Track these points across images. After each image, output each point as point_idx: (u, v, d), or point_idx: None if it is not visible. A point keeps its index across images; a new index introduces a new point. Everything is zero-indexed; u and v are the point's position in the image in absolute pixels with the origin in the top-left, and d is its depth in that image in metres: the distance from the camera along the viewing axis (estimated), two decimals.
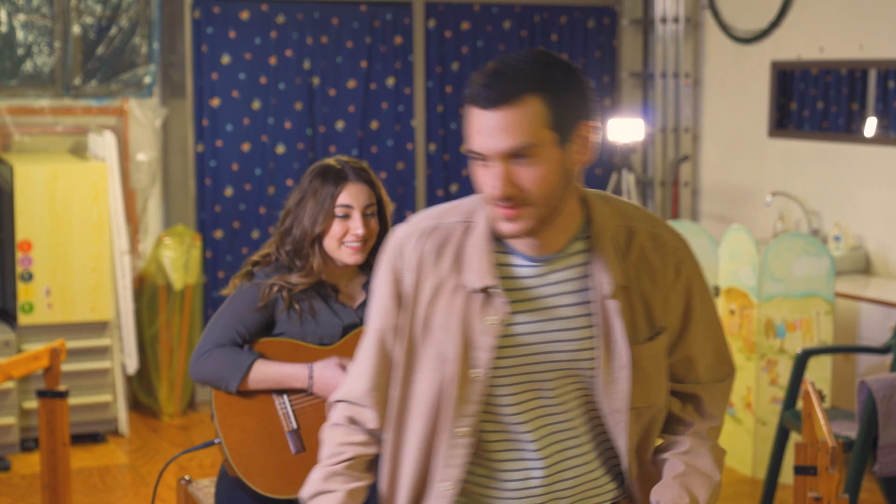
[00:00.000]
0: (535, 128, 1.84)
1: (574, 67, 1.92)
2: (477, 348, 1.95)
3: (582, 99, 1.90)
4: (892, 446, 3.89)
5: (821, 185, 6.01)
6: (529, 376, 1.98)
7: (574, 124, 1.88)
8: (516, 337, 1.97)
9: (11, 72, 5.87)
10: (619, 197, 2.08)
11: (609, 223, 1.99)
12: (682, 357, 2.08)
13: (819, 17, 6.02)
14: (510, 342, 1.97)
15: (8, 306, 5.63)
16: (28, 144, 5.92)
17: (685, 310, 2.05)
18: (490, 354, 1.95)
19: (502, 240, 1.98)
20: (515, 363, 1.98)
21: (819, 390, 3.20)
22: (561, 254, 1.97)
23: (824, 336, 4.96)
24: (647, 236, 2.01)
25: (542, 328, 1.97)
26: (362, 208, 2.95)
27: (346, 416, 2.08)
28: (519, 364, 1.98)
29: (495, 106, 1.84)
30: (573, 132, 1.88)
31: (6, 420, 5.32)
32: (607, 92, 7.02)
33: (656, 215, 2.10)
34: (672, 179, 6.85)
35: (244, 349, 2.91)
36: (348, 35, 6.39)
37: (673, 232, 2.06)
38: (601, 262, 1.95)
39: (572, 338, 1.97)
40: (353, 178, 2.96)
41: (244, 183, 6.25)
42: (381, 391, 2.05)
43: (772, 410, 5.02)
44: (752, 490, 4.97)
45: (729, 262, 5.17)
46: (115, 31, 6.05)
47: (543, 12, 6.82)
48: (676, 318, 2.05)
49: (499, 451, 2.01)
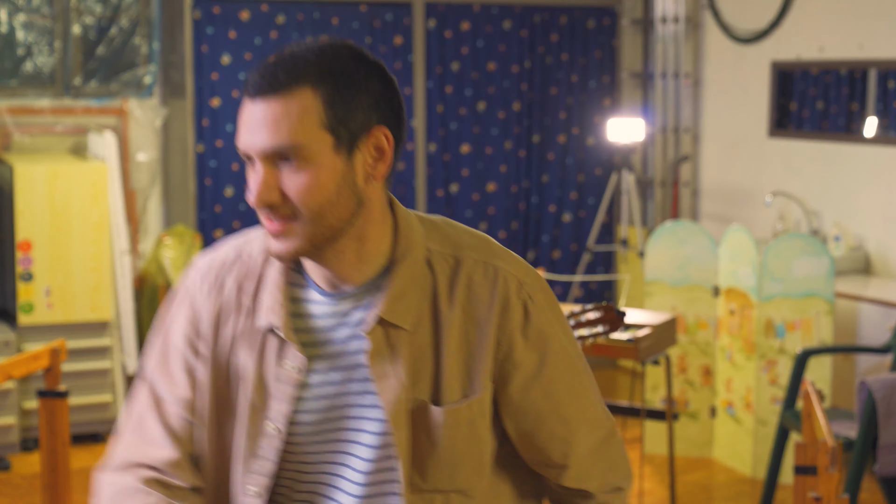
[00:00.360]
0: (305, 126, 1.54)
1: (372, 62, 1.61)
2: (273, 398, 1.63)
3: (376, 100, 1.59)
4: (892, 446, 3.89)
5: (821, 185, 6.01)
6: (336, 442, 1.65)
7: (362, 129, 1.58)
8: (314, 388, 1.64)
9: (11, 72, 5.87)
10: (461, 225, 1.71)
11: (419, 249, 1.64)
12: (544, 440, 1.69)
13: (819, 17, 6.02)
14: (309, 394, 1.64)
15: (8, 306, 5.63)
16: (28, 144, 5.92)
17: (536, 368, 1.65)
18: (288, 406, 1.63)
19: (301, 271, 1.67)
20: (316, 419, 1.64)
21: (819, 390, 3.20)
22: (362, 289, 1.63)
23: (824, 336, 4.96)
24: (479, 267, 1.64)
25: (339, 379, 1.63)
26: None
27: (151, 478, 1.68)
28: (321, 422, 1.64)
29: (261, 96, 1.55)
30: (360, 138, 1.58)
31: (6, 420, 5.32)
32: (607, 92, 7.02)
33: (513, 254, 1.70)
34: (672, 179, 6.85)
35: None
36: (348, 35, 6.40)
37: (524, 267, 1.68)
38: (383, 294, 1.61)
39: (376, 394, 1.62)
40: None
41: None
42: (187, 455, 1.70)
43: (772, 410, 5.02)
44: (752, 490, 4.98)
45: (729, 262, 5.17)
46: (115, 31, 6.05)
47: (543, 12, 6.82)
48: (518, 379, 1.65)
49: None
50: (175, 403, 1.69)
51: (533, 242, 6.97)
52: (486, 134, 6.77)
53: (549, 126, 6.91)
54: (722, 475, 5.17)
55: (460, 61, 6.67)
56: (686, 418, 5.34)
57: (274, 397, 1.63)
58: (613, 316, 2.99)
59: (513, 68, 6.77)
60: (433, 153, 6.67)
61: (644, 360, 4.18)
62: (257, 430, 1.65)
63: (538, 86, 6.85)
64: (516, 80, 6.79)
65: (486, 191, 6.80)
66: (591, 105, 6.97)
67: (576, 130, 6.97)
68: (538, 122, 6.88)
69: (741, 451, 5.17)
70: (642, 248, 6.22)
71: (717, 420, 5.32)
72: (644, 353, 4.15)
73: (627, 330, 4.22)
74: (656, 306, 5.32)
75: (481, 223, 6.80)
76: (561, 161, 6.95)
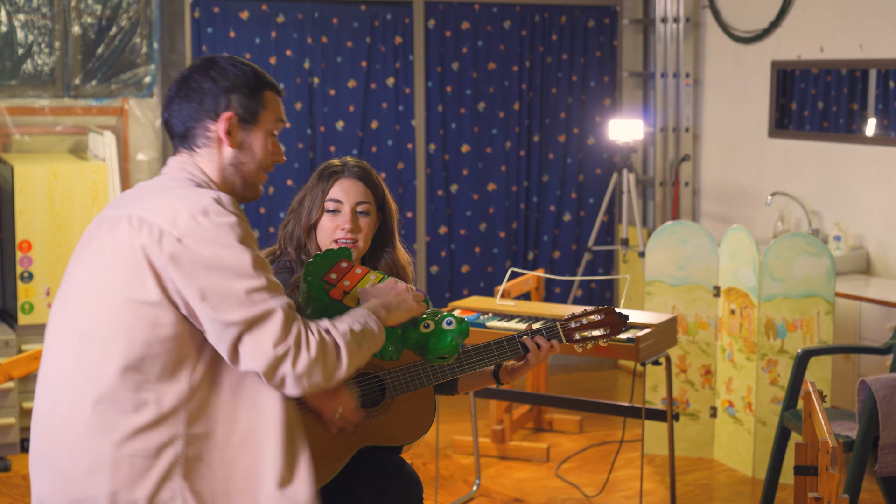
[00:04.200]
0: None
1: (203, 71, 2.32)
2: None
3: (210, 98, 2.30)
4: (893, 446, 3.89)
5: (821, 185, 6.01)
6: None
7: (194, 123, 2.31)
8: None
9: (11, 72, 5.87)
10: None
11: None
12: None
13: (819, 17, 6.02)
14: None
15: (8, 306, 5.63)
16: (28, 144, 5.92)
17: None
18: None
19: None
20: None
21: (819, 390, 3.20)
22: None
23: (824, 336, 4.96)
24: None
25: None
26: (352, 204, 2.97)
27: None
28: None
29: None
30: (196, 130, 2.32)
31: (6, 420, 5.32)
32: (607, 92, 7.02)
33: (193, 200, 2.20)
34: (672, 179, 6.85)
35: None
36: (348, 35, 6.39)
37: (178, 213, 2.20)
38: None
39: None
40: (347, 174, 3.00)
41: None
42: None
43: (772, 410, 5.02)
44: (752, 490, 4.97)
45: (729, 262, 5.17)
46: (115, 31, 6.05)
47: (543, 12, 6.81)
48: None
49: None
50: None
51: (533, 242, 6.97)
52: (486, 134, 6.76)
53: (549, 126, 6.91)
54: (722, 475, 5.17)
55: (460, 61, 6.67)
56: (686, 418, 5.33)
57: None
58: (615, 319, 2.98)
59: (513, 68, 6.77)
60: (433, 153, 6.66)
61: (644, 360, 4.18)
62: None
63: (538, 86, 6.85)
64: (516, 80, 6.79)
65: (486, 191, 6.80)
66: (591, 105, 6.97)
67: (576, 130, 6.97)
68: (538, 121, 6.88)
69: (741, 452, 5.17)
70: (642, 248, 6.22)
71: (718, 420, 5.32)
72: (644, 353, 4.15)
73: (627, 330, 4.22)
74: (656, 306, 5.32)
75: (481, 223, 6.80)
76: (561, 161, 6.95)
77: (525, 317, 4.37)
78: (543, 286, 5.71)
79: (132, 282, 2.18)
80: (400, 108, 6.55)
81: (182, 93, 2.33)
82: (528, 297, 5.62)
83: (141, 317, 2.18)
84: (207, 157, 2.33)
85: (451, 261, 6.79)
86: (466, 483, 5.04)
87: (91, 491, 2.19)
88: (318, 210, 2.98)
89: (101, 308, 2.21)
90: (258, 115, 2.33)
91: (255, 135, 2.34)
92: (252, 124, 2.33)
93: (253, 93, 2.33)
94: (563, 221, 6.99)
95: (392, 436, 2.95)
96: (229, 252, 2.17)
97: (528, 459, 5.34)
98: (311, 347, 2.22)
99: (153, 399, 2.19)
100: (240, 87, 2.31)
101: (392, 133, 6.55)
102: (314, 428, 2.91)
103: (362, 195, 2.98)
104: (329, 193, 2.98)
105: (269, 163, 2.38)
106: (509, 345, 2.96)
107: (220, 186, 2.34)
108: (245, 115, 2.32)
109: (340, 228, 2.95)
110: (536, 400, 5.29)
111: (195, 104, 2.31)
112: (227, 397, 2.24)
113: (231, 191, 2.35)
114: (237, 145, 2.33)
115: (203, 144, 2.33)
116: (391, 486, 2.90)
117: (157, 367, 2.19)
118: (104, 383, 2.19)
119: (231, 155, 2.33)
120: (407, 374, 2.95)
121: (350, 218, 2.95)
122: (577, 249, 7.01)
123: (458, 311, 4.50)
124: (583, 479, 5.09)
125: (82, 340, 2.23)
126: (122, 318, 2.19)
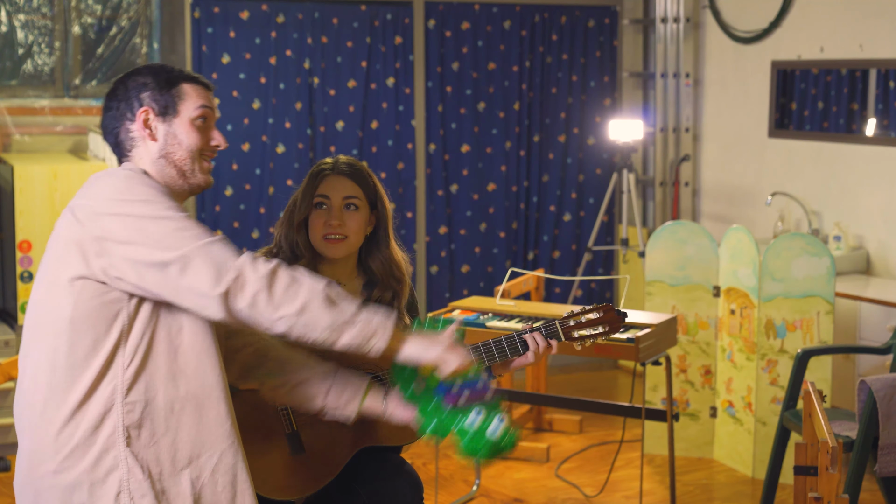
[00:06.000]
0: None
1: (120, 81, 2.45)
2: None
3: (124, 103, 2.42)
4: (893, 446, 3.89)
5: (821, 185, 6.01)
6: None
7: (118, 129, 2.43)
8: None
9: (11, 72, 5.87)
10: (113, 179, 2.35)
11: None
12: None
13: (819, 17, 6.02)
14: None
15: (8, 306, 5.63)
16: (28, 144, 5.92)
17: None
18: None
19: None
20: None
21: (819, 390, 3.20)
22: None
23: (824, 336, 4.96)
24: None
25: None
26: (339, 199, 2.98)
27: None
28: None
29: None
30: (121, 135, 2.44)
31: (6, 420, 5.32)
32: (607, 92, 7.02)
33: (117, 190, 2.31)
34: (672, 179, 6.85)
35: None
36: (348, 35, 6.39)
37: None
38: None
39: None
40: (336, 171, 3.02)
41: (244, 183, 6.25)
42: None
43: (772, 410, 5.02)
44: (752, 490, 4.97)
45: (729, 262, 5.17)
46: (115, 31, 6.05)
47: (543, 12, 6.81)
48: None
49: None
50: None
51: (533, 242, 6.97)
52: (486, 134, 6.76)
53: (549, 126, 6.91)
54: (722, 475, 5.17)
55: (460, 61, 6.67)
56: (686, 418, 5.33)
57: None
58: (614, 316, 2.98)
59: (513, 68, 6.77)
60: (433, 153, 6.66)
61: (644, 360, 4.18)
62: None
63: (538, 86, 6.85)
64: (516, 80, 6.79)
65: (486, 191, 6.80)
66: (591, 105, 6.97)
67: (576, 130, 6.97)
68: (538, 121, 6.88)
69: (741, 452, 5.17)
70: (642, 248, 6.22)
71: (718, 420, 5.31)
72: (644, 353, 4.15)
73: (627, 330, 4.22)
74: (656, 306, 5.32)
75: (481, 223, 6.80)
76: (561, 161, 6.95)
77: (525, 317, 4.37)
78: (543, 286, 5.71)
79: (60, 261, 2.29)
80: (400, 108, 6.54)
81: (106, 105, 2.47)
82: (528, 297, 5.62)
83: (65, 294, 2.27)
84: (139, 156, 2.44)
85: (451, 261, 6.79)
86: (466, 483, 5.04)
87: (43, 468, 2.29)
88: (306, 206, 3.00)
89: (41, 294, 2.33)
90: (176, 106, 2.42)
91: (178, 124, 2.42)
92: (172, 115, 2.42)
93: (165, 87, 2.42)
94: (563, 221, 6.99)
95: (392, 436, 2.95)
96: (146, 207, 2.28)
97: (528, 459, 5.34)
98: (254, 276, 2.26)
99: (89, 372, 2.27)
100: (149, 86, 2.42)
101: (392, 133, 6.55)
102: (316, 427, 2.91)
103: (350, 190, 3.00)
104: (317, 190, 3.01)
105: (201, 149, 2.45)
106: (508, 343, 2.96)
107: (159, 181, 2.42)
108: (160, 109, 2.42)
109: (328, 224, 2.97)
110: (536, 400, 5.29)
111: (114, 112, 2.44)
112: (163, 365, 2.31)
113: (172, 183, 2.43)
114: (159, 138, 2.42)
115: (132, 147, 2.44)
116: (391, 485, 2.90)
117: (89, 341, 2.27)
118: (49, 365, 2.29)
119: (157, 148, 2.42)
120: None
121: (336, 213, 2.97)
122: (577, 249, 7.01)
123: (458, 312, 4.50)
124: (583, 479, 5.08)
125: (32, 327, 2.35)
126: (53, 298, 2.29)
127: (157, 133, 2.41)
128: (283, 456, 2.89)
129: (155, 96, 2.41)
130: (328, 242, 2.97)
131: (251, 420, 2.90)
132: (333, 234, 2.97)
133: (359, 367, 3.00)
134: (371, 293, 3.06)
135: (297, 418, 2.90)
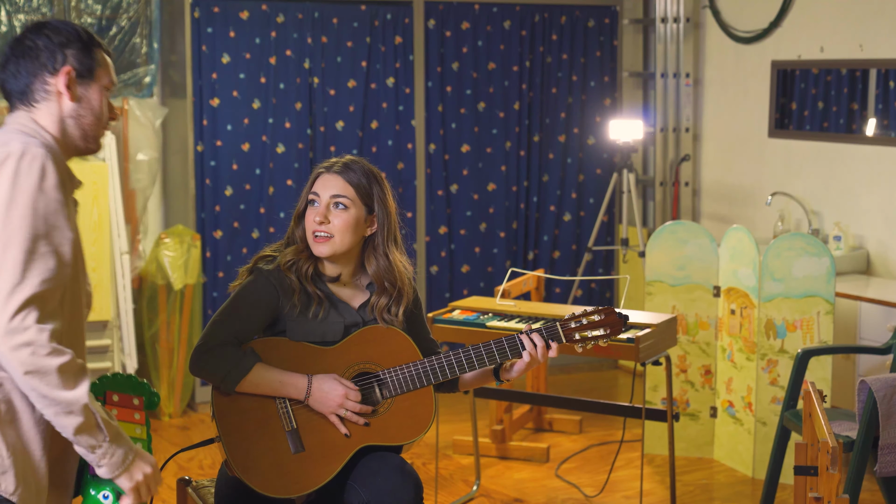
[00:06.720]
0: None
1: (37, 29, 2.38)
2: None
3: (46, 53, 2.37)
4: (893, 446, 3.89)
5: (821, 185, 6.01)
6: None
7: (32, 83, 2.38)
8: None
9: None
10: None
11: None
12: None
13: (819, 17, 6.02)
14: None
15: None
16: None
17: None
18: None
19: None
20: None
21: (819, 390, 3.20)
22: None
23: (824, 336, 4.96)
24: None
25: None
26: (327, 198, 3.01)
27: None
28: None
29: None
30: (35, 84, 2.38)
31: None
32: (607, 92, 7.02)
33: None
34: (672, 179, 6.85)
35: (248, 350, 2.91)
36: (348, 35, 6.39)
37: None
38: None
39: None
40: (329, 170, 3.05)
41: (244, 183, 6.25)
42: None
43: (772, 410, 5.02)
44: (752, 490, 4.97)
45: (729, 262, 5.17)
46: (115, 31, 6.04)
47: (543, 12, 6.81)
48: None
49: None
50: None
51: (533, 242, 6.96)
52: (486, 134, 6.76)
53: (549, 126, 6.91)
54: (722, 475, 5.17)
55: (460, 61, 6.67)
56: (686, 418, 5.33)
57: None
58: (615, 319, 2.98)
59: (513, 68, 6.77)
60: (433, 153, 6.66)
61: (644, 360, 4.18)
62: None
63: (538, 86, 6.85)
64: (516, 80, 6.79)
65: (486, 191, 6.80)
66: (591, 105, 6.97)
67: (576, 130, 6.96)
68: (538, 121, 6.88)
69: (741, 452, 5.17)
70: (642, 248, 6.22)
71: (718, 420, 5.31)
72: (644, 353, 4.15)
73: (628, 330, 4.22)
74: (656, 306, 5.32)
75: (481, 223, 6.80)
76: (561, 161, 6.94)
77: (525, 317, 4.37)
78: (543, 286, 5.71)
79: None
80: (400, 108, 6.54)
81: (17, 51, 2.42)
82: (528, 297, 5.62)
83: None
84: (46, 110, 2.42)
85: (451, 261, 6.79)
86: (466, 483, 5.04)
87: None
88: (302, 203, 3.06)
89: None
90: (94, 71, 2.43)
91: (93, 90, 2.44)
92: (89, 80, 2.43)
93: (87, 49, 2.42)
94: (563, 221, 6.99)
95: (392, 435, 2.95)
96: (30, 220, 2.25)
97: (528, 459, 5.34)
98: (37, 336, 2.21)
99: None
100: (74, 42, 2.41)
101: (392, 133, 6.55)
102: (316, 426, 2.91)
103: (338, 189, 3.02)
104: (312, 187, 3.04)
105: (107, 118, 2.49)
106: (509, 344, 2.96)
107: (58, 139, 2.43)
108: (82, 70, 2.41)
109: (314, 221, 3.01)
110: (536, 400, 5.29)
111: (31, 60, 2.40)
112: None
113: (72, 142, 2.45)
114: (76, 99, 2.42)
115: (42, 99, 2.41)
116: (391, 485, 2.90)
117: None
118: None
119: (71, 108, 2.42)
120: (407, 373, 2.95)
121: (323, 211, 2.99)
122: (577, 249, 7.01)
123: (458, 311, 4.50)
124: (583, 479, 5.08)
125: None
126: None
127: (74, 93, 2.41)
128: (284, 454, 2.89)
129: (79, 57, 2.41)
130: (315, 240, 3.00)
131: (252, 418, 2.90)
132: (319, 231, 3.00)
133: (359, 365, 3.01)
134: (373, 293, 3.09)
135: (297, 416, 2.90)
